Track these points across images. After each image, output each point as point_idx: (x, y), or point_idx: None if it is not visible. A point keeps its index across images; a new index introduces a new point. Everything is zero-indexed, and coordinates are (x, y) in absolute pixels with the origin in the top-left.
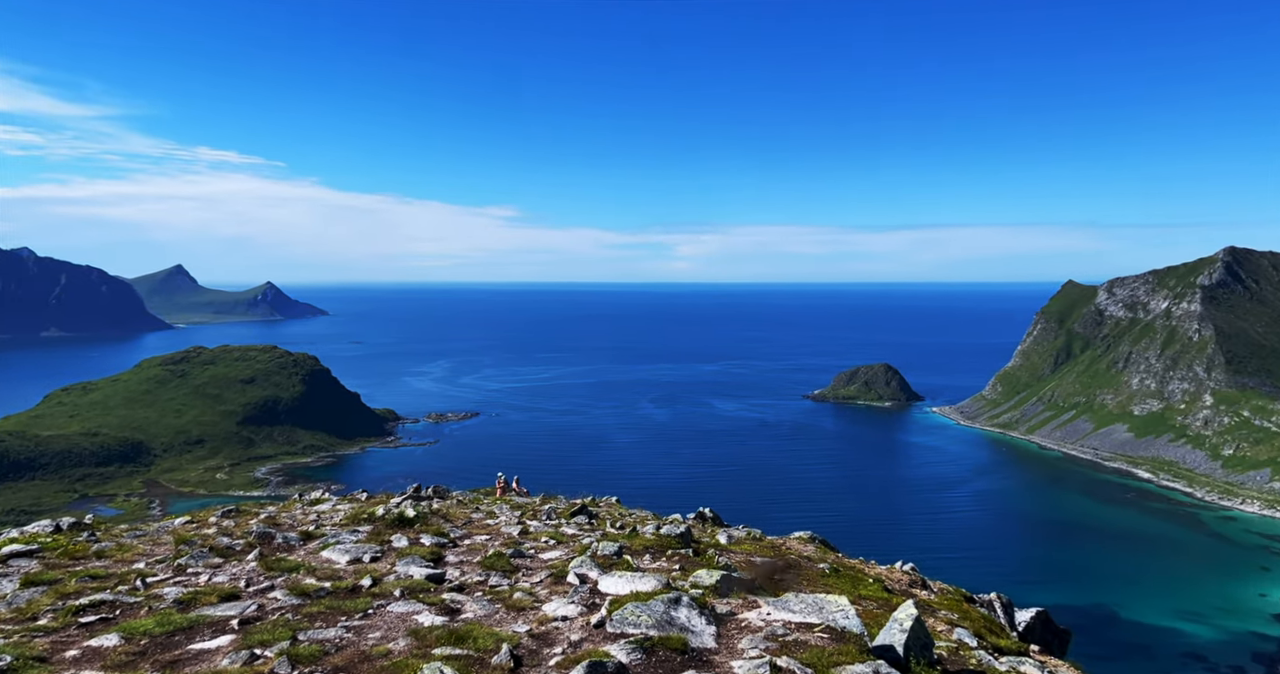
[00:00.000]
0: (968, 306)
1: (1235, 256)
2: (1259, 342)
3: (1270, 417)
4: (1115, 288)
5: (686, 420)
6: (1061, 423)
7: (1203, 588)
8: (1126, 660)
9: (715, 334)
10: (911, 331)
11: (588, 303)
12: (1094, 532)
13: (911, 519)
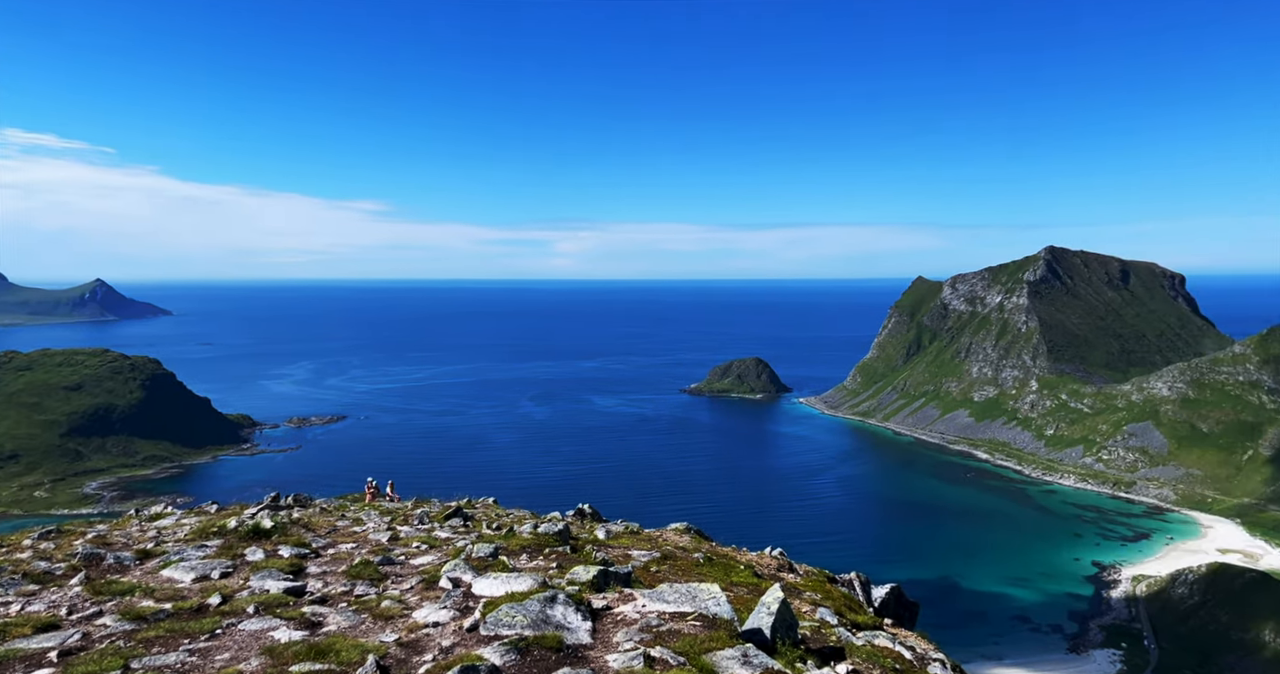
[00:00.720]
0: (833, 302)
1: (1054, 255)
2: (1074, 332)
3: (1082, 399)
4: (958, 283)
5: (566, 418)
6: (913, 410)
7: (1028, 556)
8: (965, 627)
9: (595, 331)
10: (782, 326)
11: (464, 300)
12: (940, 510)
13: (781, 506)
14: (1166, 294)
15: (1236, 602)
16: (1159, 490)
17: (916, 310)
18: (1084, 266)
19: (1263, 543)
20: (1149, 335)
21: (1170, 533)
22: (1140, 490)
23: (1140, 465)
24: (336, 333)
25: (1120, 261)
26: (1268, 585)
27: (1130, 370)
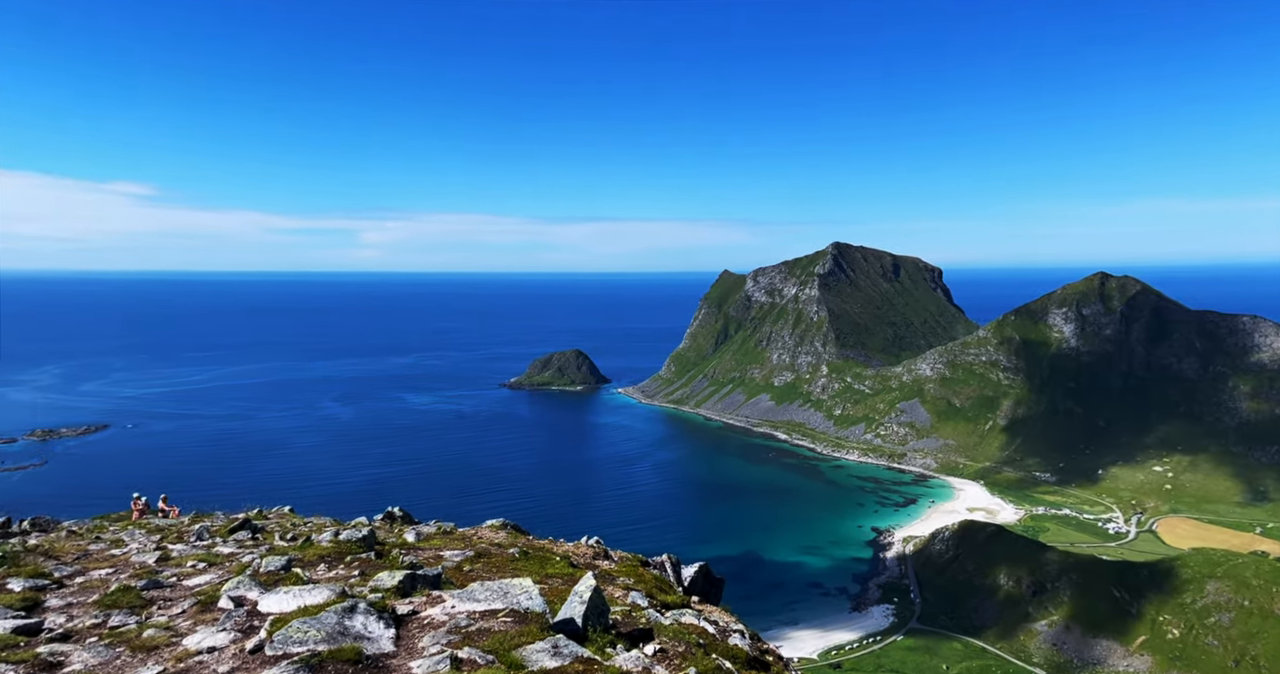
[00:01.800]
0: (648, 294)
1: (840, 250)
2: (856, 320)
3: (864, 381)
4: (759, 276)
5: (376, 417)
6: (722, 396)
7: (820, 526)
8: (767, 596)
9: (407, 326)
10: (600, 318)
11: (255, 294)
12: (746, 489)
13: (601, 495)
14: (929, 286)
15: (980, 553)
16: (924, 460)
17: (724, 302)
18: (864, 261)
19: (999, 500)
20: (916, 322)
21: (932, 497)
22: (910, 461)
23: (910, 439)
24: (95, 331)
25: (892, 256)
26: (1002, 537)
27: (901, 354)
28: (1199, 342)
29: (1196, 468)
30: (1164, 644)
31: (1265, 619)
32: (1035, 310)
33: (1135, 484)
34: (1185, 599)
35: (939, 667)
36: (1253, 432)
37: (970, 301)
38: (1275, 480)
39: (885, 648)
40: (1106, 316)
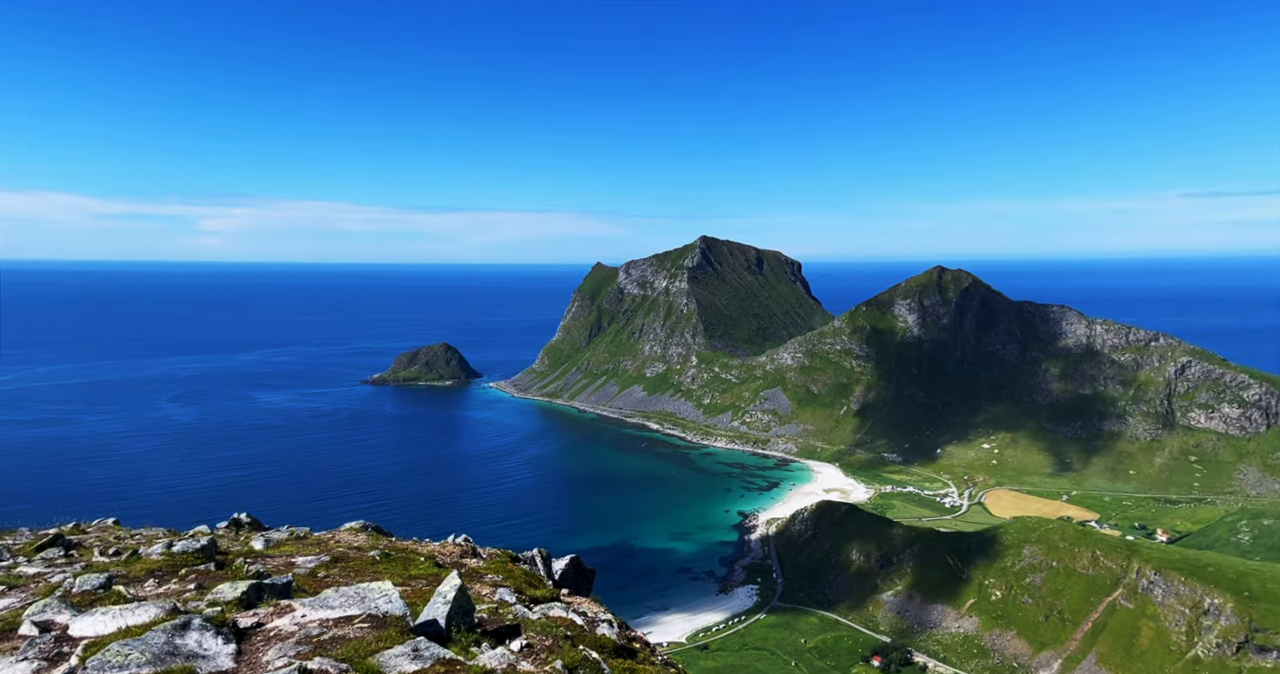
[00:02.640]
0: (521, 286)
1: (707, 244)
2: (724, 312)
3: (731, 370)
4: (631, 269)
5: (222, 418)
6: (596, 388)
7: (689, 512)
8: (638, 584)
9: (256, 319)
10: (471, 311)
11: (75, 285)
12: (619, 479)
13: (472, 492)
14: (789, 278)
15: (835, 531)
16: (786, 445)
17: (597, 294)
18: (730, 254)
19: (853, 481)
20: (778, 313)
21: (793, 480)
22: (773, 446)
23: (773, 425)
24: None
25: (756, 250)
26: (855, 515)
27: (765, 344)
28: (1019, 329)
29: (1016, 444)
30: (989, 605)
31: (1069, 577)
32: (883, 301)
33: (967, 461)
34: (1006, 563)
35: (798, 641)
36: (1060, 410)
37: (827, 293)
38: (1077, 453)
39: (749, 627)
40: (944, 307)
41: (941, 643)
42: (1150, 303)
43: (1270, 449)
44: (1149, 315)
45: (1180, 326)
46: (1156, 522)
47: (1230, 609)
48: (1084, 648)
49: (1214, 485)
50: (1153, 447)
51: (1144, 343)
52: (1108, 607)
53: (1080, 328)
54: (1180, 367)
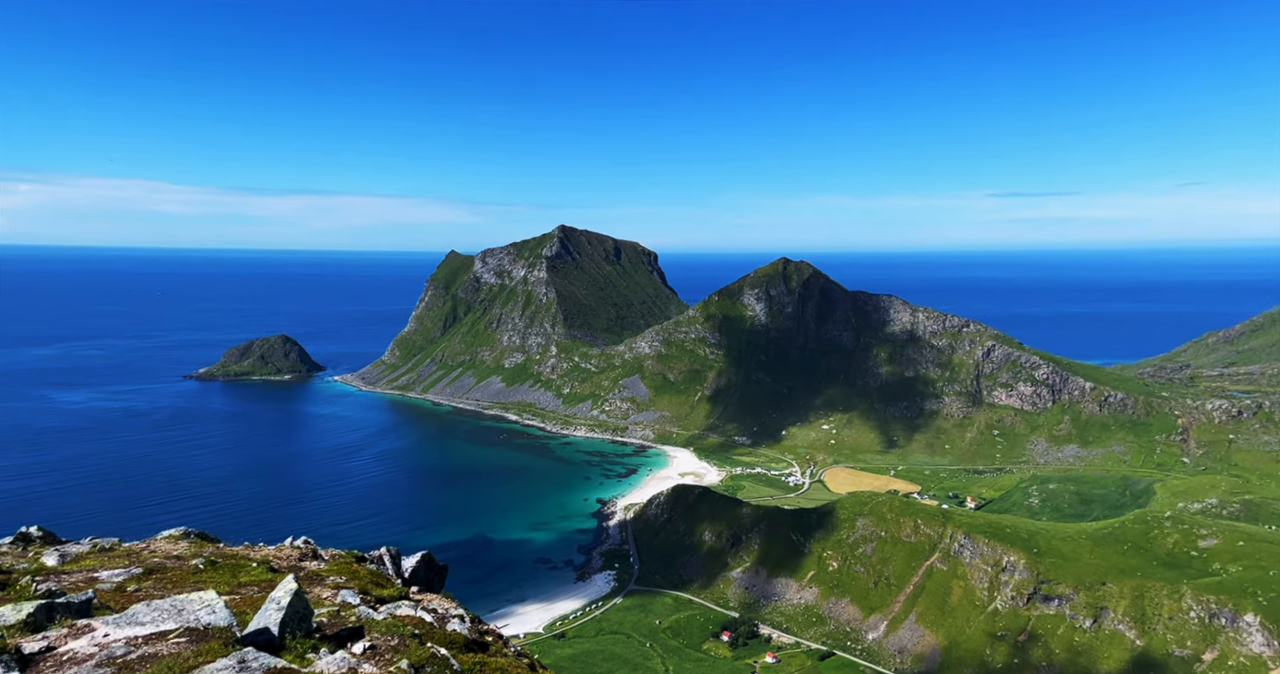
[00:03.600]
0: (368, 274)
1: (566, 233)
2: (583, 302)
3: (590, 360)
4: (487, 257)
5: (9, 420)
6: (451, 380)
7: (549, 502)
8: (495, 577)
9: (50, 310)
10: (312, 301)
11: None
12: (476, 472)
13: (316, 492)
14: (646, 269)
15: (689, 513)
16: (643, 431)
17: (452, 283)
18: (589, 244)
19: (706, 464)
20: (635, 303)
21: (650, 465)
22: (631, 433)
23: (631, 412)
24: None
25: (614, 240)
26: (707, 497)
27: (624, 333)
28: (854, 317)
29: (851, 425)
30: (827, 576)
31: (896, 545)
32: (733, 291)
33: (809, 441)
34: (842, 536)
35: (653, 622)
36: (888, 391)
37: (682, 283)
38: (903, 430)
39: (606, 612)
40: (788, 297)
41: (784, 614)
42: (962, 292)
43: (1055, 422)
44: (962, 304)
45: (986, 313)
46: (967, 491)
47: (1023, 565)
48: (906, 609)
49: (1012, 456)
50: (964, 423)
51: (958, 329)
52: (926, 570)
53: (906, 316)
54: (987, 350)
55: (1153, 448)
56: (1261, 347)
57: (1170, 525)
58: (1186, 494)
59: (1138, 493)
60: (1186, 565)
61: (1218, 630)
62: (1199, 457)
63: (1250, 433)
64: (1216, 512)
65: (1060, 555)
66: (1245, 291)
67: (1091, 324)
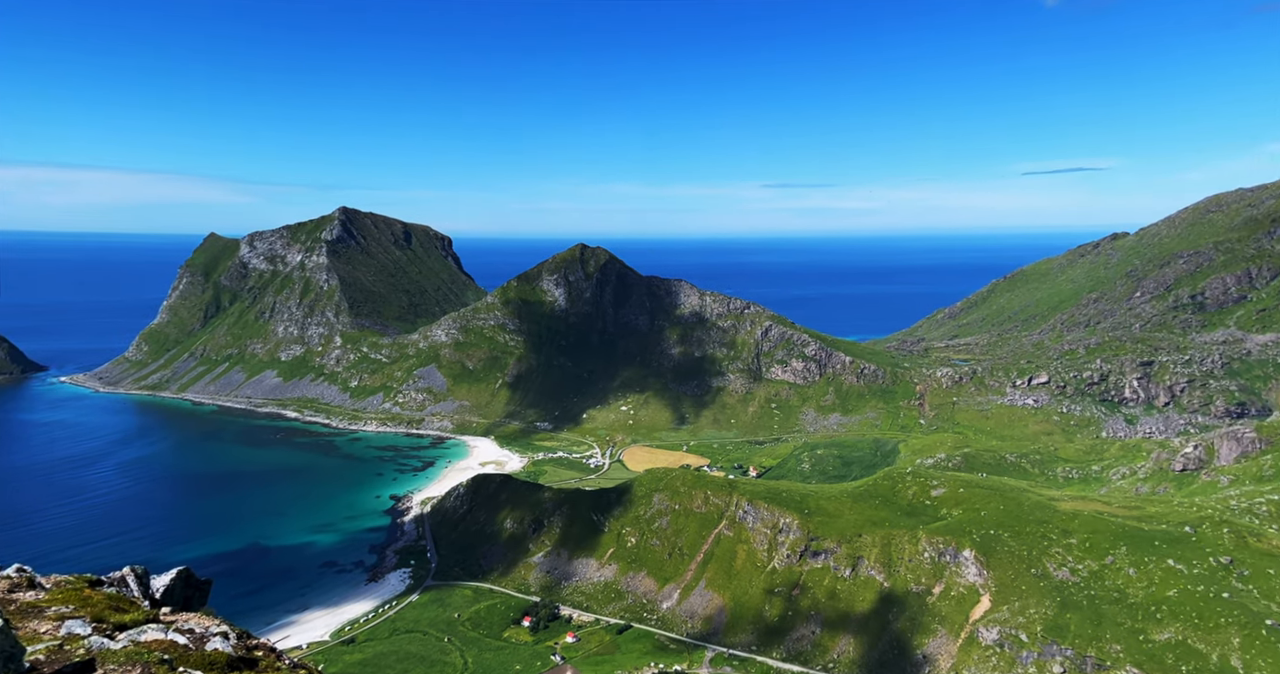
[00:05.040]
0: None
1: (348, 215)
2: (371, 289)
3: (381, 350)
4: (256, 241)
5: None
6: (216, 376)
7: (335, 502)
8: (274, 586)
9: None
10: (26, 290)
11: None
12: (248, 475)
13: (40, 512)
14: (440, 254)
15: (490, 502)
16: (441, 423)
17: (212, 270)
18: (374, 228)
19: (507, 452)
20: (429, 290)
21: (449, 457)
22: (428, 425)
23: (428, 403)
24: None
25: (403, 224)
26: (509, 484)
27: (418, 321)
28: (648, 301)
29: (647, 404)
30: (625, 552)
31: (688, 517)
32: (532, 276)
33: (609, 423)
34: (640, 512)
35: (451, 616)
36: (680, 371)
37: (479, 269)
38: (692, 407)
39: (401, 611)
40: (586, 282)
41: (585, 593)
42: (743, 276)
43: (822, 394)
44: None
45: (764, 296)
46: (750, 460)
47: (796, 525)
48: (697, 576)
49: (787, 426)
50: (747, 398)
51: (740, 311)
52: (715, 538)
53: (694, 299)
54: (765, 330)
55: (898, 413)
56: (975, 321)
57: (910, 479)
58: (922, 451)
59: (887, 453)
60: (923, 513)
61: (944, 566)
62: (932, 418)
63: (968, 395)
64: (944, 465)
65: (826, 514)
66: (964, 273)
67: (849, 304)
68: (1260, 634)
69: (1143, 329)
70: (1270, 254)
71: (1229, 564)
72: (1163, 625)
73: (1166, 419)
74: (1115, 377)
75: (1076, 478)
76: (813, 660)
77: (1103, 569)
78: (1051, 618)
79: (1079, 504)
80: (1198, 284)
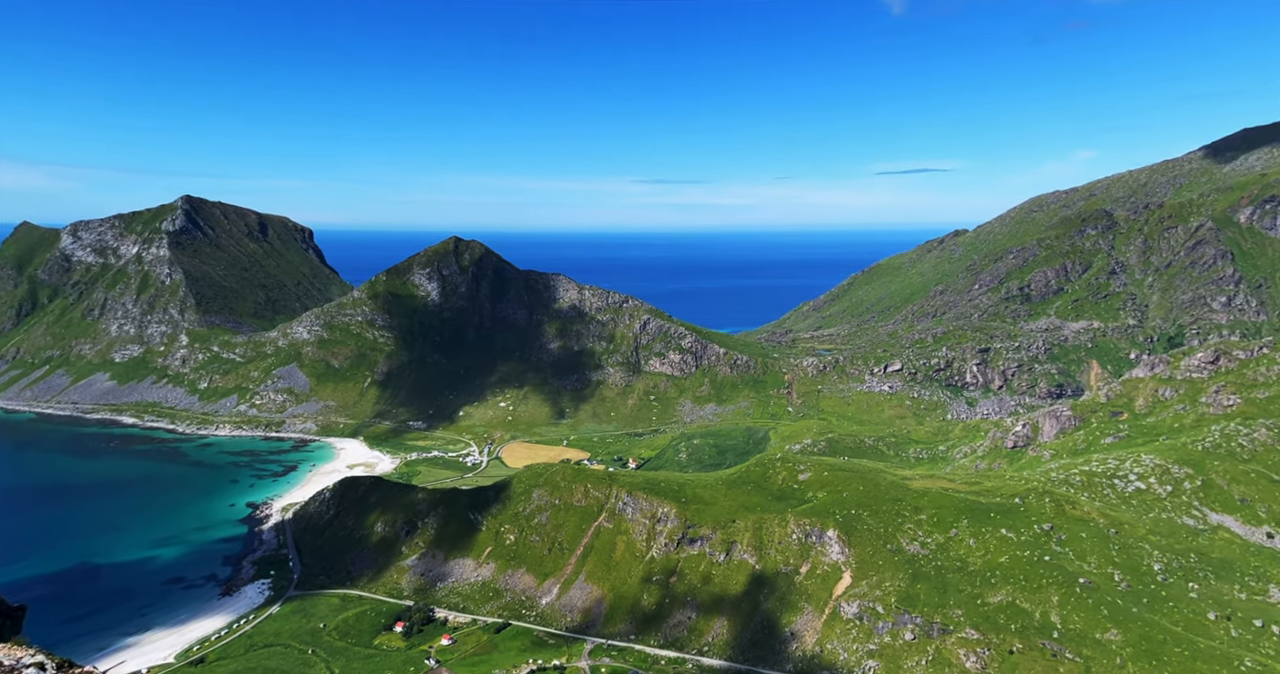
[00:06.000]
0: None
1: (193, 205)
2: (221, 283)
3: (234, 349)
4: (81, 231)
5: None
6: (33, 381)
7: (182, 513)
8: (110, 607)
9: None
10: None
11: None
12: (76, 488)
13: None
14: (300, 246)
15: (359, 505)
16: (304, 424)
17: (27, 262)
18: (224, 218)
19: (378, 453)
20: (289, 284)
21: (314, 460)
22: (289, 427)
23: (289, 405)
24: None
25: (258, 214)
26: (379, 486)
27: (276, 318)
28: (526, 295)
29: (526, 400)
30: (504, 549)
31: (568, 511)
32: (403, 270)
33: (487, 420)
34: (519, 508)
35: (315, 626)
36: (560, 365)
37: (345, 263)
38: (572, 401)
39: (259, 625)
40: (461, 276)
41: (461, 593)
42: (621, 270)
43: (698, 385)
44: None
45: (642, 290)
46: (629, 452)
47: (674, 514)
48: (577, 570)
49: (666, 417)
50: (626, 391)
51: (618, 305)
52: (595, 530)
53: (573, 293)
54: (643, 323)
55: (768, 401)
56: (837, 313)
57: (780, 465)
58: (791, 437)
59: (758, 440)
60: (791, 497)
61: (810, 546)
62: (799, 405)
63: (831, 383)
64: (811, 450)
65: (702, 501)
66: (828, 267)
67: (723, 297)
68: (1075, 592)
69: (981, 319)
70: (1081, 250)
71: (1049, 530)
72: (996, 589)
73: (1001, 401)
74: (958, 363)
75: (926, 458)
76: (688, 645)
77: (948, 541)
78: (904, 589)
79: (928, 482)
80: (1025, 277)
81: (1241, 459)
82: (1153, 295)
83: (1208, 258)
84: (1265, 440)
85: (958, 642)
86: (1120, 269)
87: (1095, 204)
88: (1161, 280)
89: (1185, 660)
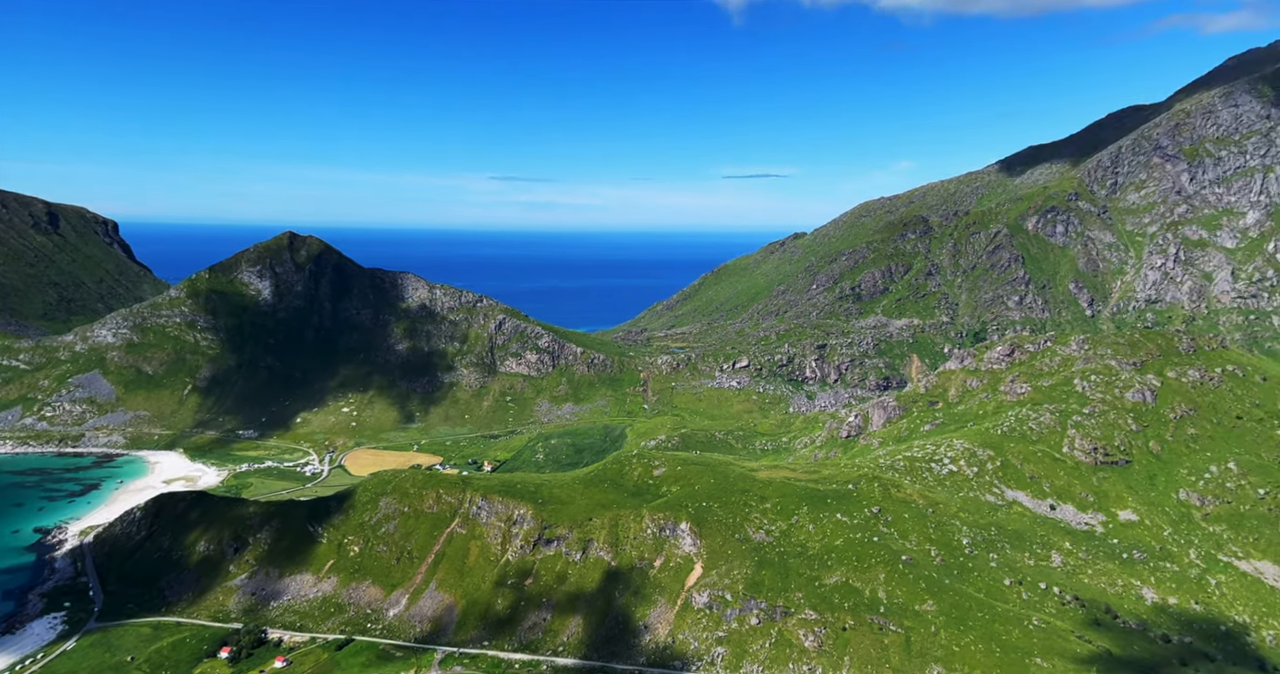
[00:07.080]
0: None
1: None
2: (2, 281)
3: (18, 355)
4: None
5: None
6: None
7: None
8: None
9: None
10: None
11: None
12: None
13: None
14: (101, 240)
15: (177, 524)
16: (109, 437)
17: None
18: (4, 207)
19: (201, 465)
20: (88, 282)
21: (121, 477)
22: (89, 441)
23: (89, 416)
24: None
25: (47, 204)
26: (202, 501)
27: (72, 320)
28: (372, 294)
29: (372, 404)
30: (348, 562)
31: (419, 518)
32: (230, 267)
33: (327, 426)
34: (364, 518)
35: (122, 660)
36: (409, 367)
37: (158, 258)
38: (422, 404)
39: (49, 665)
40: (297, 274)
41: (298, 611)
42: (475, 269)
43: (555, 385)
44: (475, 280)
45: (496, 289)
46: (484, 455)
47: (530, 515)
48: (428, 578)
49: (522, 418)
50: (480, 392)
51: (472, 304)
52: (447, 537)
53: (423, 292)
54: (499, 323)
55: (624, 399)
56: (689, 312)
57: (635, 462)
58: (646, 434)
59: (615, 438)
60: (647, 492)
61: (664, 540)
62: (654, 402)
63: (684, 380)
64: (665, 445)
65: (559, 501)
66: (680, 268)
67: (578, 296)
68: (898, 568)
69: (819, 317)
70: (903, 253)
71: (878, 513)
72: (832, 571)
73: (836, 394)
74: (799, 359)
75: (771, 449)
76: (542, 646)
77: (790, 528)
78: (750, 576)
79: (772, 472)
80: (856, 277)
81: (1031, 440)
82: (961, 295)
83: (1004, 261)
84: (1049, 423)
85: (798, 623)
86: (936, 271)
87: (914, 210)
88: (968, 281)
89: (986, 623)
